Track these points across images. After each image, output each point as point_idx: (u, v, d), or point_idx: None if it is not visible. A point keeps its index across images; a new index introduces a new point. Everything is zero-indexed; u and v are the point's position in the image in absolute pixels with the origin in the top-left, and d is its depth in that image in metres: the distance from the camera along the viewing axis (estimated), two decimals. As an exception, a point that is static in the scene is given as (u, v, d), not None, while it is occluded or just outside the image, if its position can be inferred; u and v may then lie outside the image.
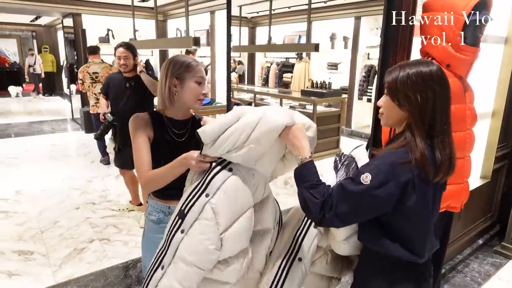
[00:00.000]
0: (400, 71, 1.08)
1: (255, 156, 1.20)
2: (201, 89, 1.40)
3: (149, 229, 1.56)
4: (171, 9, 7.65)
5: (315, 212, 1.08)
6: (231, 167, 1.21)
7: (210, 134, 1.15)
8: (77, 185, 4.21)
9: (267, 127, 1.13)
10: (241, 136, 1.14)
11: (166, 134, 1.42)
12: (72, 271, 2.60)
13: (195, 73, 1.39)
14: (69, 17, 7.32)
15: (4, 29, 12.64)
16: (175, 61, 1.40)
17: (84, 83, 4.73)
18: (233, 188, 1.19)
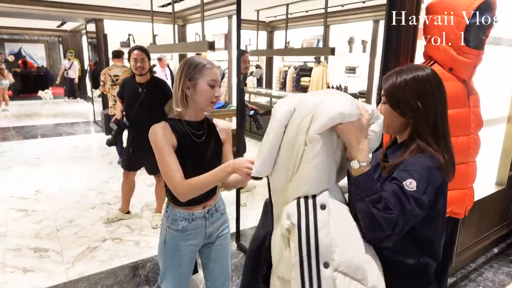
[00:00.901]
0: (397, 78, 1.07)
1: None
2: (213, 92, 1.40)
3: (172, 239, 1.53)
4: (189, 14, 7.78)
5: (387, 229, 0.94)
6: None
7: (264, 169, 1.00)
8: (94, 185, 4.33)
9: (324, 120, 0.92)
10: (297, 153, 0.96)
11: (187, 137, 1.43)
12: (83, 269, 2.67)
13: (208, 76, 1.38)
14: (92, 23, 7.57)
15: (33, 35, 13.19)
16: (190, 63, 1.40)
17: (105, 84, 4.88)
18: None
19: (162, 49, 5.84)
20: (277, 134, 0.96)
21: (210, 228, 1.56)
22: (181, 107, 1.42)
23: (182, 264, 1.57)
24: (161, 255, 1.59)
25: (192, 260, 1.61)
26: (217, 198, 1.59)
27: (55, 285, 2.48)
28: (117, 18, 7.55)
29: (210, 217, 1.55)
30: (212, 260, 1.64)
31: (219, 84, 1.45)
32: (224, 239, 1.64)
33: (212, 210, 1.56)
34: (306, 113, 0.93)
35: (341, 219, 0.97)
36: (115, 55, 4.97)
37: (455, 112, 1.08)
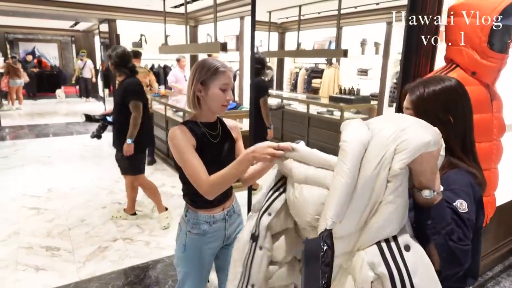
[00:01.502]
0: (425, 89, 1.03)
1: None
2: (225, 95, 1.39)
3: (192, 243, 1.51)
4: (202, 15, 7.80)
5: (465, 262, 0.88)
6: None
7: (340, 217, 0.84)
8: (104, 184, 4.35)
9: (411, 151, 0.79)
10: (379, 193, 0.83)
11: (204, 138, 1.43)
12: (95, 269, 2.68)
13: (220, 80, 1.37)
14: (105, 23, 7.64)
15: (46, 34, 13.37)
16: (202, 65, 1.39)
17: None
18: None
19: (174, 49, 5.85)
20: (354, 173, 0.82)
21: (229, 229, 1.57)
22: (193, 109, 1.44)
23: (203, 268, 1.57)
24: (181, 261, 1.56)
25: (211, 264, 1.61)
26: (234, 199, 1.60)
27: (67, 285, 2.49)
28: (130, 19, 7.61)
29: (229, 219, 1.56)
30: (229, 262, 1.62)
31: (231, 87, 1.45)
32: None
33: (230, 212, 1.56)
34: (387, 145, 0.81)
35: (423, 258, 0.86)
36: (134, 55, 4.96)
37: (477, 117, 1.04)
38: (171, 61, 8.74)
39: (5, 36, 12.61)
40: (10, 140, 6.55)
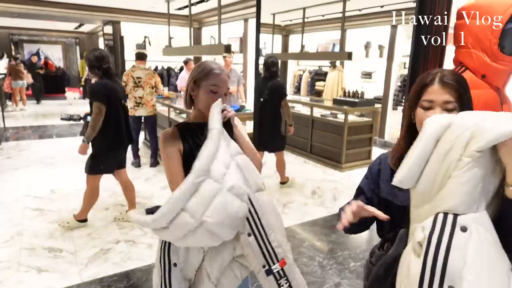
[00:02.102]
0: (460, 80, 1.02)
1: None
2: (214, 98, 1.36)
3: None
4: (205, 17, 7.81)
5: None
6: None
7: (407, 179, 0.95)
8: (107, 186, 4.32)
9: (490, 137, 0.82)
10: (449, 167, 0.88)
11: (197, 140, 1.40)
12: (97, 271, 2.66)
13: (211, 80, 1.37)
14: (109, 25, 7.67)
15: (51, 36, 13.45)
16: (199, 65, 1.42)
17: (127, 86, 4.89)
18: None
19: (177, 51, 5.86)
20: (426, 146, 0.91)
21: None
22: (187, 108, 1.46)
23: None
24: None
25: None
26: None
27: (69, 287, 2.47)
28: (134, 21, 7.64)
29: None
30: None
31: (224, 92, 1.41)
32: None
33: None
34: (465, 129, 0.86)
35: (486, 249, 0.85)
36: (139, 57, 4.97)
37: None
38: (175, 63, 8.76)
39: (10, 37, 12.69)
40: (14, 141, 6.57)
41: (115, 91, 3.11)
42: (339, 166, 5.21)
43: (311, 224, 3.53)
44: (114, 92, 3.09)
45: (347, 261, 2.86)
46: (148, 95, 4.92)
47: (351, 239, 3.33)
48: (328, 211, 3.82)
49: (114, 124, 3.11)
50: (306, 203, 4.00)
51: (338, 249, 3.05)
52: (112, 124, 3.09)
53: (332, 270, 2.74)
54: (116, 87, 3.14)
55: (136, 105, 4.93)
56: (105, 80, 3.07)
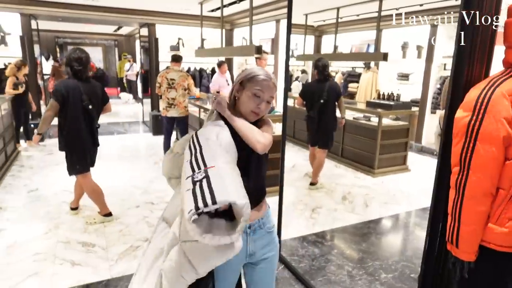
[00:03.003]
0: None
1: None
2: (256, 102, 1.37)
3: None
4: (237, 19, 7.85)
5: None
6: None
7: None
8: (139, 184, 4.44)
9: None
10: None
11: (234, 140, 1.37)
12: (126, 267, 2.71)
13: (256, 84, 1.37)
14: (145, 27, 7.88)
15: (92, 39, 14.05)
16: (247, 70, 1.42)
17: (161, 86, 5.01)
18: None
19: (209, 53, 5.91)
20: None
21: (252, 245, 1.46)
22: (230, 108, 1.42)
23: (219, 282, 1.46)
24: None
25: (231, 279, 1.51)
26: (262, 214, 1.49)
27: (99, 281, 2.53)
28: (169, 23, 7.81)
29: (252, 234, 1.45)
30: (255, 282, 1.55)
31: (267, 100, 1.39)
32: (270, 262, 1.53)
33: (255, 226, 1.45)
34: None
35: None
36: (174, 59, 5.05)
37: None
38: (207, 64, 8.86)
39: (56, 40, 13.37)
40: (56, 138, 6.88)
41: (77, 92, 3.06)
42: (372, 171, 5.04)
43: (341, 231, 3.43)
44: (75, 92, 3.05)
45: (378, 272, 2.74)
46: (180, 96, 4.99)
47: (383, 249, 3.19)
48: (359, 218, 3.69)
49: (70, 124, 3.13)
50: (335, 209, 3.89)
51: (369, 258, 2.93)
52: (68, 123, 3.12)
53: (361, 280, 2.63)
54: (79, 88, 3.07)
55: (168, 106, 5.01)
56: (69, 80, 3.11)
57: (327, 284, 2.57)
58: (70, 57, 3.09)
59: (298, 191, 4.35)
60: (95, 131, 3.34)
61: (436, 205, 1.52)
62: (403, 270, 2.77)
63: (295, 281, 2.62)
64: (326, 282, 2.59)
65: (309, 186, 4.46)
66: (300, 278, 2.62)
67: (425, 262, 1.61)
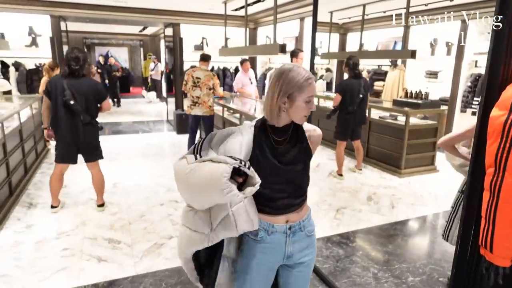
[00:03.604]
0: None
1: None
2: (309, 107, 1.34)
3: (248, 248, 1.46)
4: (261, 17, 7.83)
5: None
6: None
7: None
8: (163, 182, 4.50)
9: None
10: None
11: (264, 144, 1.38)
12: (150, 264, 2.75)
13: (307, 93, 1.32)
14: (169, 27, 7.99)
15: (118, 39, 14.41)
16: (289, 79, 1.31)
17: (187, 84, 5.07)
18: None
19: (233, 52, 5.92)
20: None
21: (291, 247, 1.44)
22: (275, 120, 1.36)
23: (255, 281, 1.46)
24: (237, 265, 1.51)
25: (267, 280, 1.49)
26: (304, 216, 1.46)
27: (124, 278, 2.58)
28: (193, 22, 7.89)
29: (292, 235, 1.43)
30: (291, 286, 1.53)
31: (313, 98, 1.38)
32: (306, 266, 1.50)
33: (295, 228, 1.43)
34: None
35: None
36: (202, 58, 5.10)
37: None
38: (230, 63, 8.89)
39: (84, 41, 13.80)
40: (83, 136, 7.10)
41: (59, 87, 3.26)
42: (398, 171, 4.90)
43: (366, 232, 3.35)
44: (57, 87, 3.27)
45: (405, 275, 2.66)
46: (204, 95, 5.02)
47: (409, 251, 3.10)
48: (384, 219, 3.60)
49: (52, 116, 3.37)
50: (360, 209, 3.81)
51: (395, 261, 2.84)
52: (52, 117, 3.37)
53: (388, 283, 2.56)
54: (62, 84, 3.25)
55: (193, 104, 5.06)
56: (56, 76, 3.41)
57: (352, 286, 2.52)
58: (68, 56, 3.26)
59: (322, 191, 4.29)
60: (79, 127, 3.40)
61: (469, 207, 1.45)
62: (431, 273, 2.67)
63: (319, 282, 2.58)
64: (351, 284, 2.54)
65: (337, 180, 4.65)
66: (324, 279, 2.57)
67: (456, 266, 1.54)
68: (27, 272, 2.60)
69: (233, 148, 1.34)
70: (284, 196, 1.39)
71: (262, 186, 1.28)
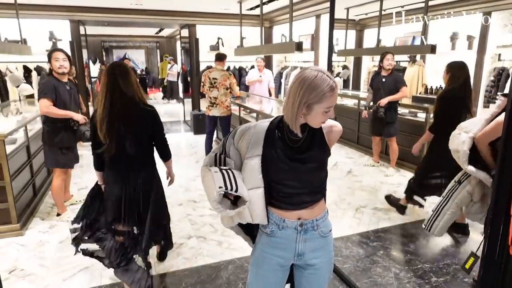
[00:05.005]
0: None
1: None
2: (327, 116, 1.29)
3: (260, 241, 1.49)
4: (276, 16, 7.80)
5: None
6: None
7: None
8: (181, 182, 4.54)
9: None
10: None
11: (282, 138, 1.37)
12: (170, 264, 2.77)
13: (327, 103, 1.25)
14: (185, 28, 8.06)
15: (135, 41, 14.62)
16: (312, 87, 1.23)
17: (204, 85, 5.08)
18: None
19: (249, 51, 5.91)
20: None
21: (302, 245, 1.42)
22: (293, 125, 1.32)
23: (265, 275, 1.47)
24: (251, 258, 1.55)
25: (278, 276, 1.48)
26: (318, 216, 1.43)
27: (145, 277, 2.61)
28: (208, 23, 7.93)
29: (303, 233, 1.41)
30: (304, 287, 1.52)
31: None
32: (319, 269, 1.47)
33: (307, 226, 1.41)
34: None
35: None
36: (218, 58, 5.07)
37: None
38: (246, 62, 8.90)
39: (102, 44, 14.07)
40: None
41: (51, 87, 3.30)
42: (419, 169, 4.79)
43: (386, 231, 3.29)
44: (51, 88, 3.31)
45: (428, 275, 2.59)
46: (222, 96, 5.03)
47: (432, 251, 3.02)
48: (405, 218, 3.53)
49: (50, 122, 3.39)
50: (380, 208, 3.74)
51: (417, 260, 2.78)
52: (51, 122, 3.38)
53: (410, 284, 2.50)
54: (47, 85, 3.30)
55: (211, 105, 5.08)
56: (49, 78, 3.33)
57: (373, 286, 2.47)
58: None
59: (340, 190, 4.24)
60: (50, 129, 3.38)
61: (497, 205, 1.39)
62: (455, 273, 2.60)
63: (339, 282, 2.54)
64: (372, 284, 2.49)
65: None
66: (344, 279, 2.54)
67: (484, 267, 1.49)
68: (52, 271, 2.67)
69: (243, 145, 1.39)
70: (296, 193, 1.39)
71: (275, 182, 1.39)
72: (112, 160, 2.15)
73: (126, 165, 2.18)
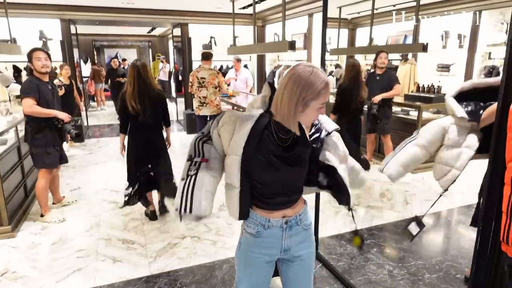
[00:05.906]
0: None
1: None
2: (319, 112, 1.29)
3: (246, 242, 1.47)
4: (269, 15, 7.80)
5: None
6: None
7: None
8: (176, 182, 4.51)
9: None
10: None
11: (270, 137, 1.32)
12: (164, 264, 2.76)
13: (321, 100, 1.25)
14: (178, 27, 8.01)
15: (127, 41, 14.51)
16: (308, 84, 1.21)
17: (192, 85, 5.06)
18: None
19: (242, 50, 5.91)
20: None
21: (287, 241, 1.44)
22: (287, 124, 1.29)
23: (253, 273, 1.48)
24: (237, 258, 1.53)
25: (266, 272, 1.49)
26: (300, 211, 1.45)
27: (139, 278, 2.60)
28: (201, 22, 7.90)
29: (288, 229, 1.42)
30: (290, 279, 1.52)
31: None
32: (305, 260, 1.50)
33: (292, 222, 1.42)
34: None
35: None
36: (204, 57, 5.03)
37: None
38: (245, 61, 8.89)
39: (93, 43, 13.94)
40: (95, 138, 7.19)
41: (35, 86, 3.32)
42: (411, 167, 4.83)
43: (380, 229, 3.31)
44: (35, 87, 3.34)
45: (421, 272, 2.62)
46: (211, 95, 5.02)
47: (425, 248, 3.05)
48: (398, 215, 3.55)
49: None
50: (374, 206, 3.77)
51: (411, 257, 2.80)
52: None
53: (403, 281, 2.52)
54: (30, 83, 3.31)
55: (201, 104, 5.06)
56: (31, 77, 3.33)
57: (367, 284, 2.49)
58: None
59: (333, 188, 4.25)
60: (34, 129, 3.34)
61: (489, 202, 1.41)
62: (448, 270, 2.63)
63: (333, 280, 2.56)
64: (366, 282, 2.51)
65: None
66: (339, 277, 2.55)
67: (477, 263, 1.51)
68: (44, 273, 2.64)
69: (225, 137, 1.36)
70: (281, 193, 1.38)
71: (260, 183, 1.35)
72: (137, 125, 3.27)
73: (147, 128, 3.31)
